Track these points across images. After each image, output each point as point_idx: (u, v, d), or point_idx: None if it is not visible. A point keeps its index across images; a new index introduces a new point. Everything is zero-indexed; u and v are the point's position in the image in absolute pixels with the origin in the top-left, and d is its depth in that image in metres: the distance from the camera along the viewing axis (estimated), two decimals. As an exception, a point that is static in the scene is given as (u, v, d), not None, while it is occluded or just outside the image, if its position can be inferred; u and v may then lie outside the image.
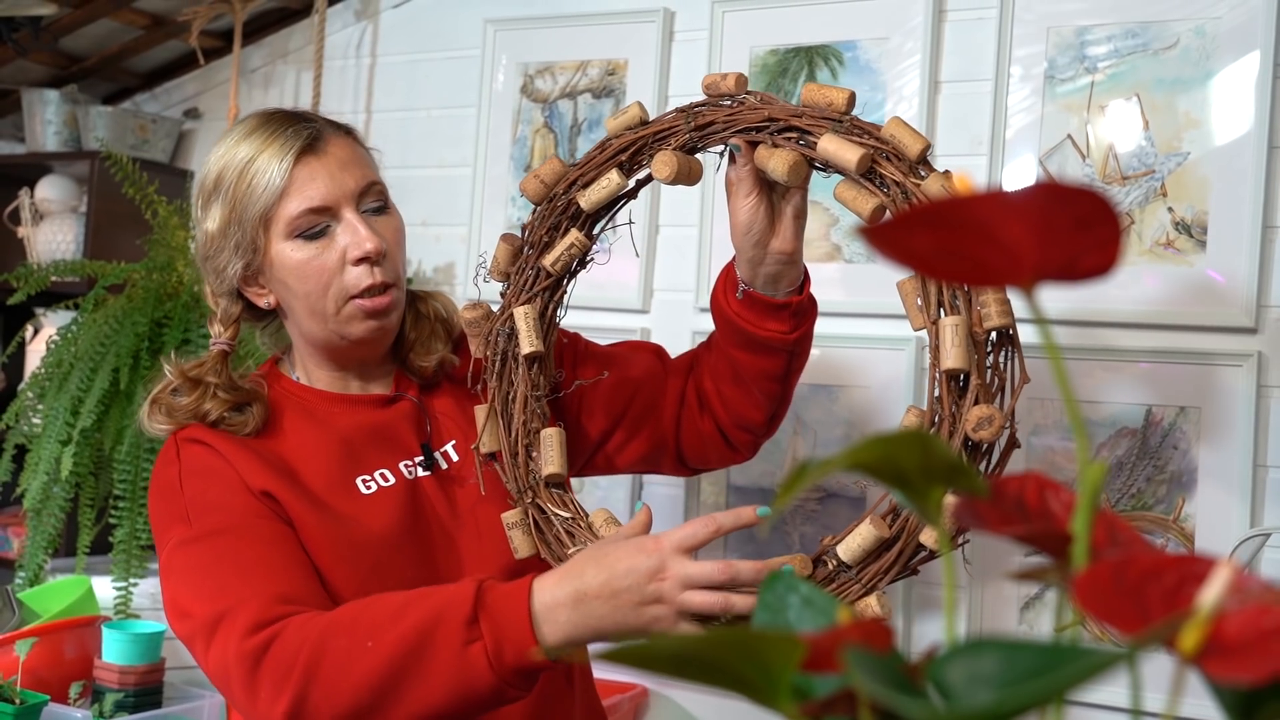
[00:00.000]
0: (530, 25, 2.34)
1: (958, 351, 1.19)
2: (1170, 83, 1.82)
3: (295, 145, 1.36)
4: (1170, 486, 1.78)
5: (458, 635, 1.15)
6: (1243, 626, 0.47)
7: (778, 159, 1.27)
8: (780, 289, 1.39)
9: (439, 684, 1.16)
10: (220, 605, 1.24)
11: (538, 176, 1.41)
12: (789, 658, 0.49)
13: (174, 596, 1.31)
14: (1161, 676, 1.67)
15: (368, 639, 1.17)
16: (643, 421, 1.54)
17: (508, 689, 1.16)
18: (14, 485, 2.27)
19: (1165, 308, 1.79)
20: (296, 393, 1.46)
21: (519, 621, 1.16)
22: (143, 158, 2.64)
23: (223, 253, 1.40)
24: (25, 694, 1.82)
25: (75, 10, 2.54)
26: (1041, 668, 0.45)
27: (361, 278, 1.37)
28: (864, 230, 0.49)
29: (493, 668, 1.15)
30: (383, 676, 1.16)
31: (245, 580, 1.26)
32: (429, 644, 1.16)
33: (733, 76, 1.33)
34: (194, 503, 1.34)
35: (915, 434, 0.53)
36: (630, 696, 2.08)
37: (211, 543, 1.30)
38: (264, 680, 1.19)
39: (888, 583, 1.23)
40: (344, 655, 1.17)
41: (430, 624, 1.16)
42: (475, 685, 1.16)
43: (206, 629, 1.24)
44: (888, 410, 1.97)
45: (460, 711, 1.18)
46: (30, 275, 2.41)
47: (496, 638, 1.15)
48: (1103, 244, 0.49)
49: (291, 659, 1.18)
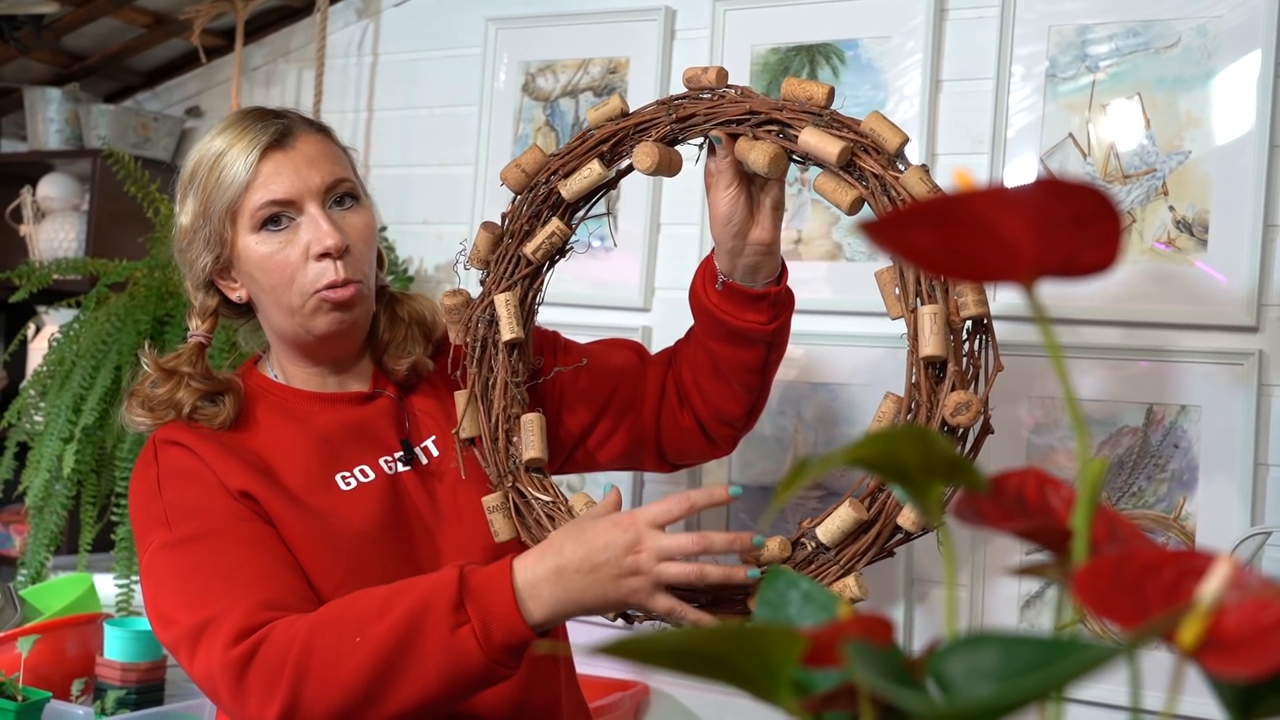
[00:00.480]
0: (531, 24, 2.34)
1: (936, 339, 1.21)
2: (1171, 82, 1.82)
3: (263, 140, 1.39)
4: (1171, 485, 1.78)
5: (445, 621, 1.18)
6: (1241, 621, 0.48)
7: (758, 151, 1.29)
8: (759, 279, 1.41)
9: (431, 670, 1.18)
10: (203, 613, 1.25)
11: (519, 165, 1.43)
12: (790, 652, 0.49)
13: (155, 601, 1.31)
14: (1160, 673, 1.67)
15: (355, 634, 1.18)
16: (623, 416, 1.55)
17: (498, 668, 1.19)
18: (16, 483, 2.27)
19: (1166, 306, 1.79)
20: (274, 391, 1.47)
21: (504, 600, 1.18)
22: (144, 156, 2.64)
23: (194, 245, 1.42)
24: (27, 691, 1.82)
25: (77, 9, 2.54)
26: (1040, 662, 0.45)
27: (323, 273, 1.38)
28: (864, 226, 0.49)
29: (482, 648, 1.17)
30: (374, 669, 1.17)
31: (227, 586, 1.27)
32: (417, 633, 1.18)
33: (713, 70, 1.35)
34: (172, 506, 1.34)
35: (916, 430, 0.53)
36: (631, 694, 2.08)
37: (192, 547, 1.31)
38: (252, 687, 1.20)
39: (865, 564, 1.26)
40: (332, 653, 1.18)
41: (417, 613, 1.18)
42: (466, 667, 1.18)
43: (190, 638, 1.25)
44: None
45: (452, 695, 1.20)
46: (32, 273, 2.41)
47: (484, 619, 1.18)
48: (1103, 240, 0.49)
49: (279, 663, 1.19)
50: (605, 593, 1.20)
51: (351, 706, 1.18)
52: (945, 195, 0.49)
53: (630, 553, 1.19)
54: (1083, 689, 1.73)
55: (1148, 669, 1.69)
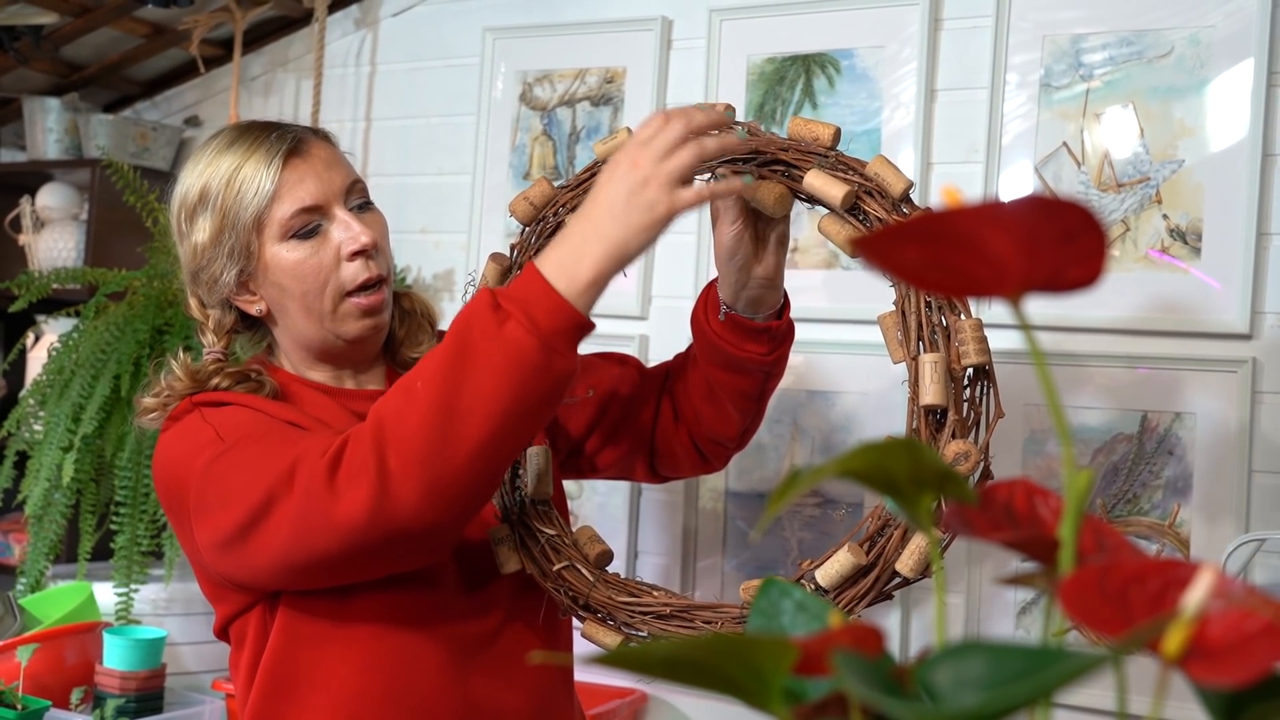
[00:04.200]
0: (529, 34, 2.35)
1: (936, 388, 1.22)
2: (1165, 90, 1.83)
3: (281, 149, 1.39)
4: (1165, 492, 1.79)
5: (489, 325, 1.14)
6: (1226, 630, 0.48)
7: (765, 191, 1.30)
8: (761, 312, 1.42)
9: (491, 379, 1.13)
10: (283, 466, 1.21)
11: (527, 199, 1.43)
12: (781, 661, 0.50)
13: (224, 500, 1.26)
14: (1148, 679, 1.67)
15: (416, 382, 1.16)
16: (620, 425, 1.56)
17: (555, 356, 1.15)
18: (15, 492, 2.28)
19: (1160, 314, 1.80)
20: (290, 383, 1.46)
21: (538, 288, 1.15)
22: (143, 165, 2.65)
23: (216, 262, 1.41)
24: (27, 700, 1.82)
25: (76, 19, 2.55)
26: (1027, 670, 0.46)
27: (358, 272, 1.39)
28: (855, 241, 0.50)
29: (532, 334, 1.13)
30: (439, 401, 1.14)
31: (299, 442, 1.24)
32: (467, 349, 1.14)
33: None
34: (223, 424, 1.32)
35: (906, 442, 0.54)
36: (629, 701, 2.09)
37: (251, 445, 1.28)
38: (342, 485, 1.17)
39: (863, 608, 1.27)
40: (398, 411, 1.16)
41: (461, 336, 1.16)
42: (525, 361, 1.14)
43: (268, 488, 1.22)
44: (884, 416, 1.98)
45: (525, 402, 1.15)
46: (31, 283, 2.42)
47: (525, 309, 1.14)
48: (1088, 256, 0.50)
49: (359, 448, 1.17)
50: (631, 221, 1.15)
51: (433, 451, 1.14)
52: (933, 212, 0.50)
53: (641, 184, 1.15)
54: (1070, 695, 1.74)
55: (1135, 675, 1.70)
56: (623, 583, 1.38)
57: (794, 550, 2.02)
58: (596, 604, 1.37)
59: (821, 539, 1.99)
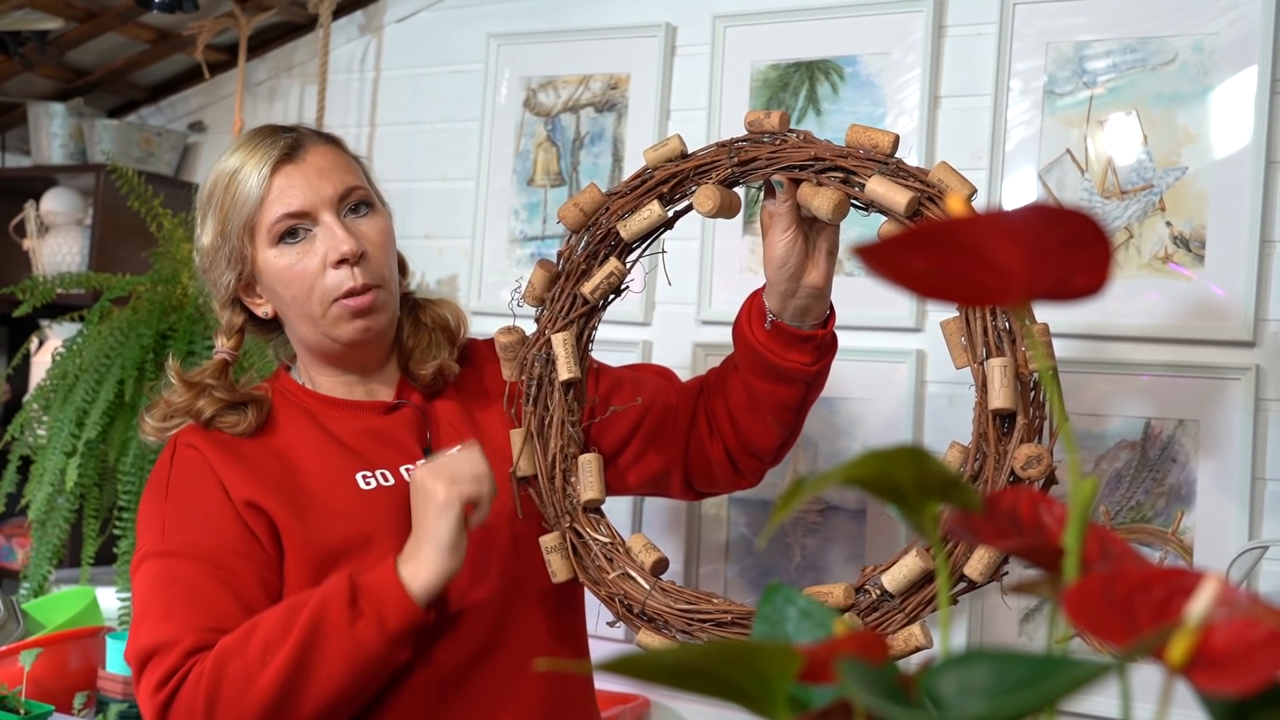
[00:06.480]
0: (533, 40, 2.35)
1: (1006, 392, 1.22)
2: (1169, 98, 1.83)
3: (273, 155, 1.42)
4: (1169, 499, 1.79)
5: (344, 620, 1.26)
6: (1230, 638, 0.48)
7: (822, 198, 1.29)
8: (807, 321, 1.43)
9: (336, 669, 1.26)
10: (156, 637, 1.31)
11: (577, 205, 1.43)
12: (786, 669, 0.50)
13: (134, 601, 1.39)
14: (1152, 687, 1.67)
15: (260, 654, 1.26)
16: (654, 440, 1.55)
17: (397, 650, 1.29)
18: (19, 496, 2.28)
19: (1164, 321, 1.80)
20: (300, 395, 1.49)
21: (393, 591, 1.28)
22: (148, 171, 2.66)
23: (217, 265, 1.45)
24: (30, 704, 1.82)
25: (81, 24, 2.56)
26: (1032, 678, 0.46)
27: (343, 280, 1.40)
28: (859, 250, 0.50)
29: (381, 635, 1.27)
30: (283, 679, 1.25)
31: (191, 610, 1.32)
32: (319, 638, 1.26)
33: (776, 115, 1.36)
34: (171, 513, 1.39)
35: (910, 449, 0.54)
36: (632, 707, 2.09)
37: (174, 564, 1.36)
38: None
39: (929, 612, 1.25)
40: (240, 675, 1.25)
41: (315, 621, 1.26)
42: (370, 658, 1.27)
43: (138, 660, 1.32)
44: (889, 423, 1.98)
45: (359, 687, 1.29)
46: (36, 287, 2.42)
47: (378, 611, 1.27)
48: (1093, 264, 0.50)
49: (190, 702, 1.26)
50: (437, 533, 1.30)
51: (268, 716, 1.25)
52: (938, 221, 0.50)
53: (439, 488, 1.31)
54: (1074, 703, 1.74)
55: (1139, 683, 1.70)
56: (679, 590, 1.37)
57: (797, 557, 2.02)
58: (653, 612, 1.36)
59: (825, 545, 1.99)
